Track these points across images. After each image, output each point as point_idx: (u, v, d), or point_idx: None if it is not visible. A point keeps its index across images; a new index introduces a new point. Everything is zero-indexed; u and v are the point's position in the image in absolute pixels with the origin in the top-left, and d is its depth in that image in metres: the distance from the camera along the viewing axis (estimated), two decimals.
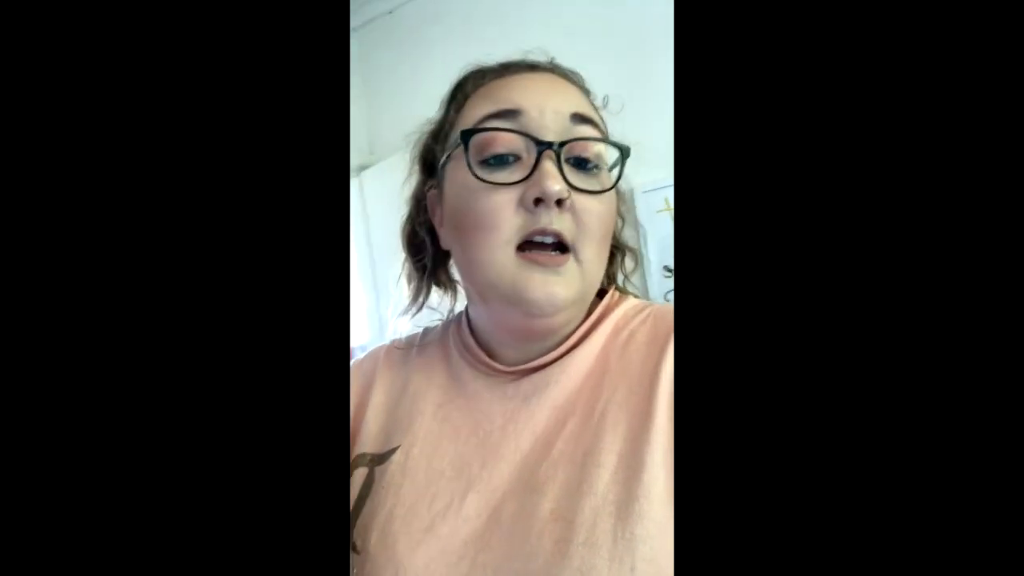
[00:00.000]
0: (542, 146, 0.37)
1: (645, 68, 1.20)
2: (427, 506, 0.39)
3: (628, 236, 0.51)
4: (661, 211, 1.18)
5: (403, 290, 0.50)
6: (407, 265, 0.49)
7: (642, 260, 1.18)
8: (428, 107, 0.47)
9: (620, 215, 0.48)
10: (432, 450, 0.42)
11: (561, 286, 0.38)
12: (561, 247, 0.38)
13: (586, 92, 0.45)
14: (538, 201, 0.37)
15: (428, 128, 0.47)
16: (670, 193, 1.16)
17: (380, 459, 0.43)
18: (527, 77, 0.42)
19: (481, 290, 0.41)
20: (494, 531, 0.36)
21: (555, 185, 0.36)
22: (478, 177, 0.38)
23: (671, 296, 1.18)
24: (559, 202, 0.37)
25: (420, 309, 0.49)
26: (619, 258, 0.50)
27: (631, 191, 1.19)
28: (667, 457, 0.34)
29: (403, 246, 0.49)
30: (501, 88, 0.41)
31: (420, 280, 0.49)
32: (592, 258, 0.39)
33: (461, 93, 0.44)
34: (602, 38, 1.27)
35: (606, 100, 0.46)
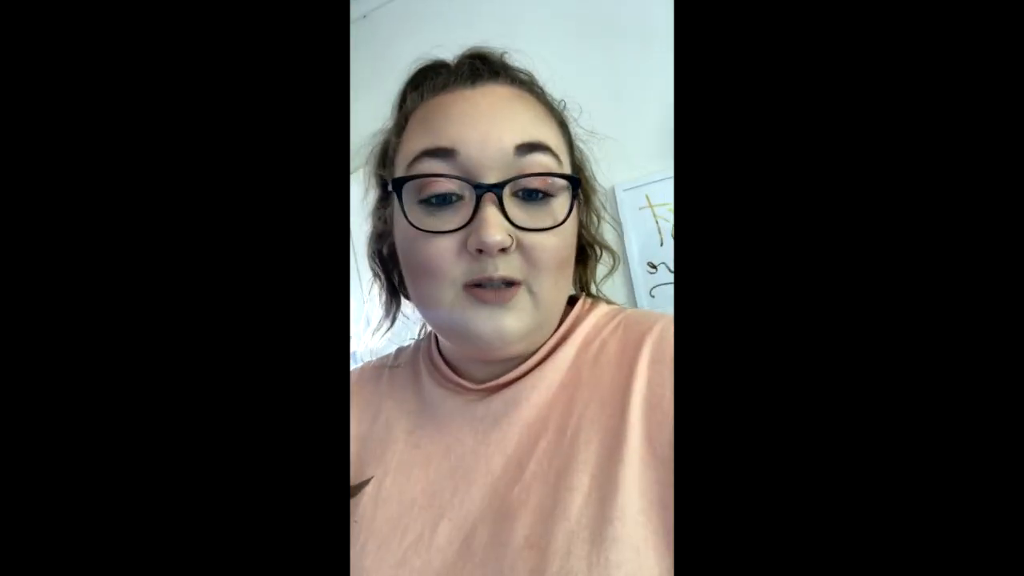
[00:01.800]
0: (481, 190, 0.35)
1: (629, 66, 1.20)
2: (399, 539, 0.37)
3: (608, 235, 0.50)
4: (643, 208, 1.18)
5: (375, 305, 0.49)
6: (376, 282, 0.48)
7: (625, 258, 1.19)
8: None
9: (595, 212, 0.47)
10: (405, 479, 0.40)
11: (511, 319, 0.36)
12: (511, 282, 0.37)
13: (540, 95, 0.42)
14: (480, 250, 0.35)
15: (379, 141, 0.45)
16: (651, 190, 1.17)
17: (353, 491, 0.42)
18: (467, 97, 0.38)
19: (433, 326, 0.41)
20: (466, 561, 0.35)
21: (496, 235, 0.34)
22: (415, 226, 0.36)
23: (656, 292, 1.18)
24: (503, 249, 0.35)
25: (392, 324, 0.48)
26: (594, 260, 0.49)
27: (612, 188, 1.20)
28: (641, 476, 0.33)
29: (368, 264, 0.48)
30: (438, 114, 0.38)
31: (389, 296, 0.48)
32: (548, 288, 0.38)
33: (402, 112, 0.41)
34: (582, 38, 1.27)
35: (563, 104, 0.44)
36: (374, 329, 0.49)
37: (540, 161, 0.37)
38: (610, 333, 0.41)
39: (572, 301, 0.46)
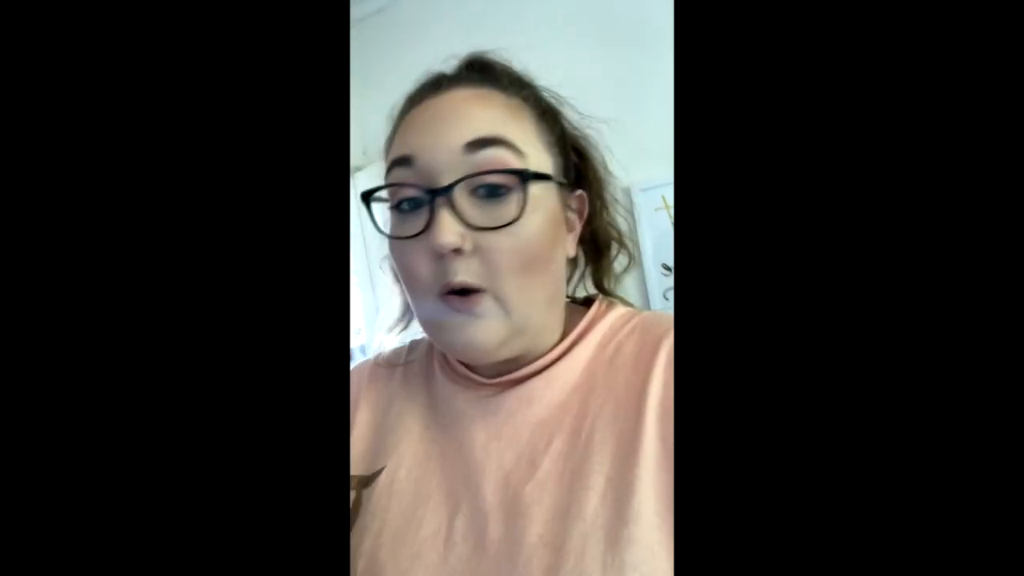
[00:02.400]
0: (430, 194, 0.35)
1: (644, 66, 1.19)
2: (415, 531, 0.38)
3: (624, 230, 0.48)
4: (659, 209, 1.17)
5: (390, 305, 0.49)
6: (391, 281, 0.48)
7: (639, 259, 1.18)
8: None
9: (606, 204, 0.46)
10: (420, 471, 0.41)
11: (480, 330, 0.36)
12: (471, 289, 0.36)
13: (510, 90, 0.40)
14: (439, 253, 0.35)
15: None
16: (667, 191, 1.15)
17: (367, 481, 0.42)
18: (428, 106, 0.39)
19: (423, 330, 0.42)
20: (481, 557, 0.35)
21: (445, 237, 0.34)
22: (383, 233, 0.39)
23: (670, 294, 1.17)
24: (457, 250, 0.35)
25: (407, 326, 0.48)
26: (607, 258, 0.48)
27: (628, 189, 1.19)
28: (656, 478, 0.33)
29: (389, 267, 0.48)
30: (406, 125, 0.39)
31: (403, 296, 0.47)
32: (514, 292, 0.36)
33: (394, 126, 0.42)
34: (599, 37, 1.26)
35: (558, 99, 0.44)
36: (388, 328, 0.49)
37: (493, 156, 0.36)
38: (626, 335, 0.41)
39: (589, 302, 0.45)
